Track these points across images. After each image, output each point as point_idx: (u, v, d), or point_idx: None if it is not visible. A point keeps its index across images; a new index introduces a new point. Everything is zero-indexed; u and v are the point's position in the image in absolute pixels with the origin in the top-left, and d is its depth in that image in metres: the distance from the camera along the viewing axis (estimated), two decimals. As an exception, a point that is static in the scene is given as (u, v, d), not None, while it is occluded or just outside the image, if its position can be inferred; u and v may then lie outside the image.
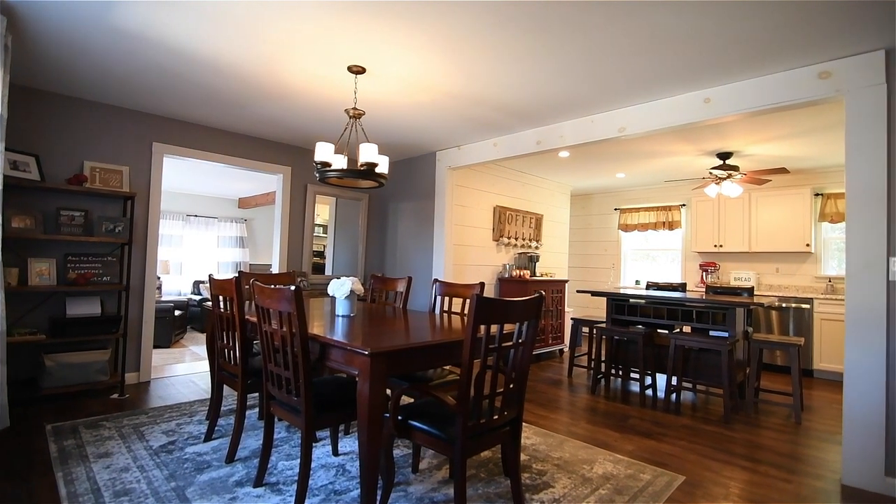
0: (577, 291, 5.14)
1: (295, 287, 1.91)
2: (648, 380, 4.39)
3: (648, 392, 4.25)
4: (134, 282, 4.04)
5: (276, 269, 5.09)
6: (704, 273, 6.44)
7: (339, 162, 3.02)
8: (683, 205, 6.88)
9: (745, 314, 4.17)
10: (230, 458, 2.55)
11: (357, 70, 3.03)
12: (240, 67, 3.09)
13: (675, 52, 2.70)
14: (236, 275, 2.55)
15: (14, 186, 3.32)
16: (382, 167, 3.00)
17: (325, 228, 6.06)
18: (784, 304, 5.33)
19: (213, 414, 2.85)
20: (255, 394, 3.56)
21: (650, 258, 7.39)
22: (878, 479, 2.47)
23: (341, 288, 2.58)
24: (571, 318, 5.08)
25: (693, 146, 4.68)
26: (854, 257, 2.60)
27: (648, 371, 4.25)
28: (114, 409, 3.36)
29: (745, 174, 5.00)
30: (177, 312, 6.01)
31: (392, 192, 5.91)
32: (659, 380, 4.56)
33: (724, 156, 4.91)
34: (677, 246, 7.01)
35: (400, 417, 1.99)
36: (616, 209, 7.57)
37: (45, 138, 3.65)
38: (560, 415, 3.61)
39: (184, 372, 4.52)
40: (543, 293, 2.01)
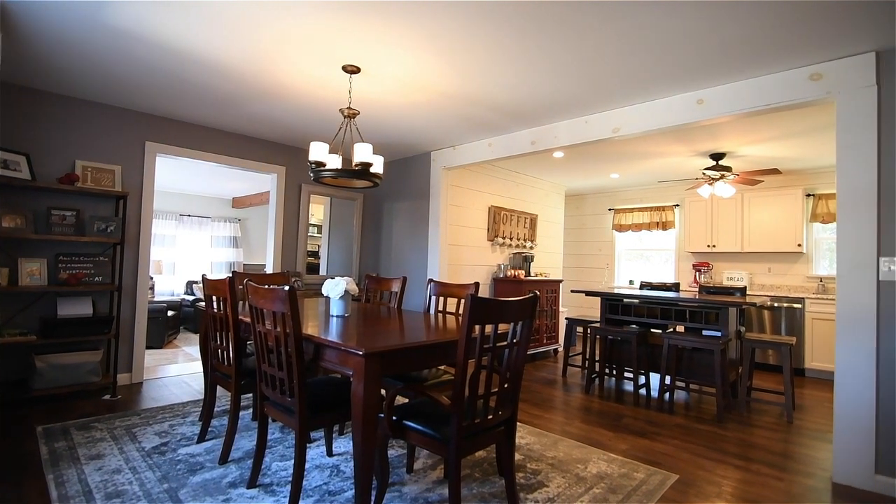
0: (572, 291, 5.16)
1: (289, 287, 1.91)
2: (642, 379, 4.42)
3: (642, 391, 4.27)
4: (126, 282, 4.01)
5: (270, 269, 5.07)
6: (698, 273, 6.48)
7: (333, 162, 3.02)
8: (677, 205, 6.92)
9: (738, 314, 4.20)
10: (223, 460, 2.54)
11: (352, 70, 3.03)
12: (234, 66, 3.07)
13: (668, 53, 2.71)
14: (230, 275, 2.54)
15: (4, 185, 3.30)
16: (377, 167, 3.00)
17: (319, 228, 6.04)
18: (776, 304, 5.38)
19: (207, 415, 2.84)
20: (249, 395, 3.55)
21: (644, 258, 7.42)
22: (868, 477, 2.50)
23: (336, 288, 2.58)
24: (566, 318, 5.09)
25: (686, 147, 4.71)
26: (845, 257, 2.63)
27: (642, 370, 4.27)
28: (106, 411, 3.33)
29: (738, 175, 5.04)
30: (170, 313, 5.97)
31: (387, 192, 5.90)
32: (652, 379, 4.59)
33: (717, 156, 4.94)
34: (671, 246, 7.05)
35: (394, 417, 1.99)
36: (610, 209, 7.61)
37: (37, 137, 3.62)
38: (554, 414, 3.62)
39: (177, 373, 4.49)
40: (538, 293, 2.02)
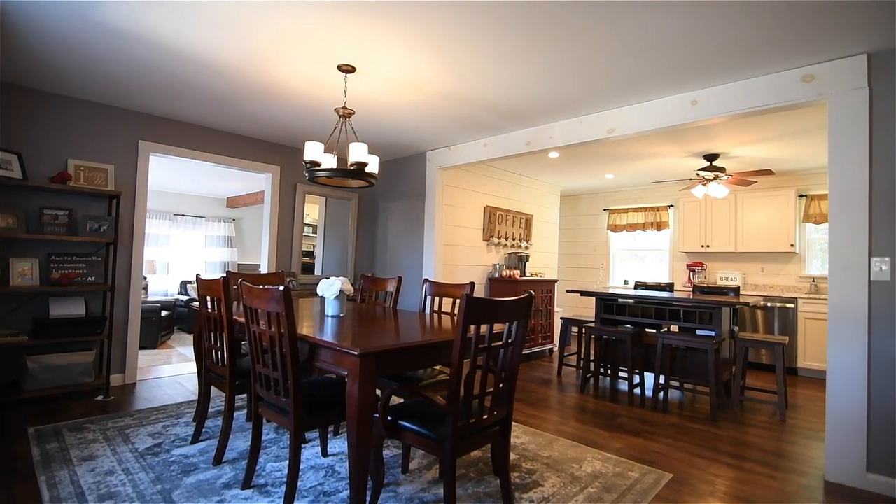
0: (567, 291, 5.17)
1: (284, 287, 1.90)
2: (637, 379, 4.43)
3: (637, 391, 4.29)
4: (119, 282, 3.99)
5: (264, 269, 5.05)
6: (692, 273, 6.52)
7: (328, 161, 3.01)
8: (671, 205, 6.95)
9: (731, 313, 4.23)
10: (218, 461, 2.53)
11: (347, 69, 3.02)
12: (229, 65, 3.06)
13: (663, 54, 2.73)
14: (224, 275, 2.53)
15: (-5, 185, 3.27)
16: (372, 167, 2.99)
17: (314, 228, 6.02)
18: (769, 304, 5.42)
19: (201, 416, 2.82)
20: (244, 395, 3.53)
21: (638, 258, 7.45)
22: (860, 475, 2.52)
23: (331, 288, 2.57)
24: (561, 318, 5.11)
25: (680, 147, 4.73)
26: (837, 257, 2.65)
27: (637, 370, 4.29)
28: (98, 412, 3.31)
29: (732, 175, 5.07)
30: (163, 313, 5.94)
31: (382, 192, 5.89)
32: (647, 379, 4.61)
33: (710, 157, 4.97)
34: (665, 246, 7.09)
35: (390, 418, 1.99)
36: (605, 209, 7.63)
37: (28, 136, 3.59)
38: (549, 414, 3.63)
39: (170, 373, 4.47)
40: (533, 293, 2.02)
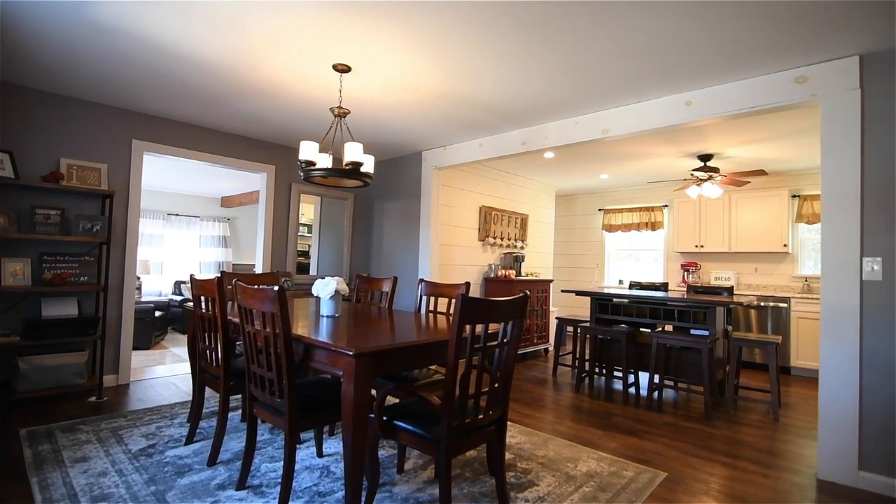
0: (562, 291, 5.18)
1: (278, 287, 1.89)
2: (631, 378, 4.46)
3: (631, 390, 4.30)
4: (112, 282, 3.96)
5: (259, 269, 5.03)
6: (686, 273, 6.55)
7: (324, 161, 3.00)
8: (665, 206, 6.98)
9: (725, 313, 4.25)
10: (212, 461, 2.51)
11: (342, 69, 3.01)
12: (223, 64, 3.04)
13: (658, 55, 2.74)
14: (219, 275, 2.52)
15: (-14, 184, 3.23)
16: (368, 166, 2.99)
17: (309, 228, 6.00)
18: (762, 303, 5.45)
19: (195, 416, 2.81)
20: (238, 396, 3.52)
21: (633, 258, 7.48)
22: (852, 473, 2.54)
23: (326, 288, 2.57)
24: (556, 318, 5.12)
25: (675, 148, 4.76)
26: (829, 257, 2.67)
27: (631, 369, 4.31)
28: (91, 413, 3.28)
29: (725, 176, 5.10)
30: (157, 313, 5.90)
31: (377, 192, 5.88)
32: (641, 378, 4.62)
33: (704, 158, 5.00)
34: (660, 246, 7.12)
35: (385, 418, 1.99)
36: (600, 210, 7.66)
37: (20, 134, 3.55)
38: (545, 413, 3.63)
39: (164, 374, 4.44)
40: (528, 293, 2.03)
